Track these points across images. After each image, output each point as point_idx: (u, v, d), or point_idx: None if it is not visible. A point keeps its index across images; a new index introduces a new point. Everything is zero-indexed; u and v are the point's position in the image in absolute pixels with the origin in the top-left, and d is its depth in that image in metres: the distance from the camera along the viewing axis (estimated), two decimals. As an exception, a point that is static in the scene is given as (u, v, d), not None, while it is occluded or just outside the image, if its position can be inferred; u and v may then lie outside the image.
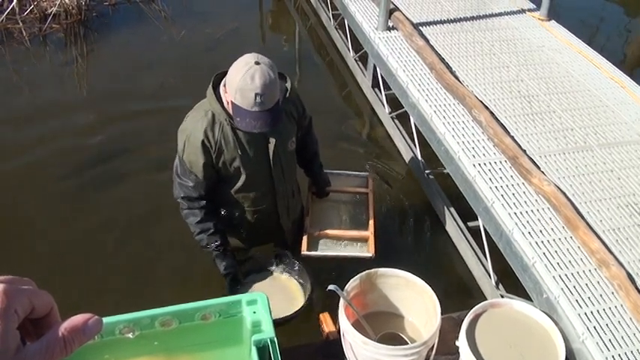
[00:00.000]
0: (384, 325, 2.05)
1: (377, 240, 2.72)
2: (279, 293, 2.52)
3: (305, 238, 2.68)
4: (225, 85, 2.21)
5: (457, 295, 3.21)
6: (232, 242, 2.74)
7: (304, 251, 2.64)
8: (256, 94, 2.08)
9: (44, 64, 5.38)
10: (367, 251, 2.67)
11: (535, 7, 4.71)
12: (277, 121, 2.20)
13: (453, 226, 3.46)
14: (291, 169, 2.58)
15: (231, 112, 2.21)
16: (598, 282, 2.45)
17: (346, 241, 2.75)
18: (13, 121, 4.47)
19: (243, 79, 2.08)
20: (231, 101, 2.15)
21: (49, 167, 4.01)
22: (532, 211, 2.78)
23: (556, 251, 2.58)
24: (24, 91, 4.95)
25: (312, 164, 2.80)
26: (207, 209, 2.44)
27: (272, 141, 2.35)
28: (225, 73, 2.23)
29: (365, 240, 2.73)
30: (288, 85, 2.40)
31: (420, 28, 4.30)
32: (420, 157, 3.85)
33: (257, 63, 2.10)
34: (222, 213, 2.59)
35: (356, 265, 2.54)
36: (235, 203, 2.52)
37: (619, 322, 2.30)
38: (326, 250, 2.71)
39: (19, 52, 5.46)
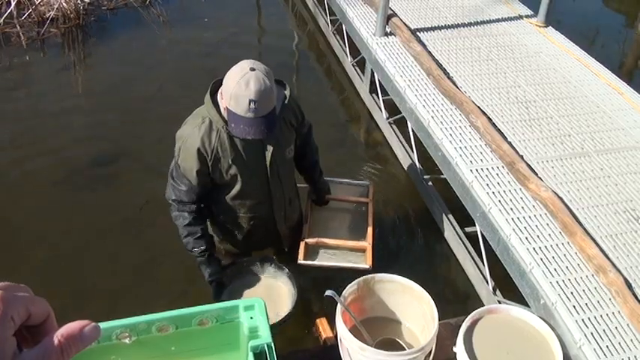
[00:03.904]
0: (381, 331, 2.05)
1: (375, 251, 2.71)
2: (266, 299, 2.48)
3: (302, 247, 2.66)
4: (222, 92, 2.21)
5: (454, 300, 3.21)
6: (228, 248, 2.74)
7: (301, 260, 2.62)
8: (250, 101, 2.07)
9: (42, 68, 5.37)
10: (364, 262, 2.66)
11: (532, 13, 4.73)
12: (272, 128, 2.19)
13: (450, 231, 3.46)
14: (288, 176, 2.57)
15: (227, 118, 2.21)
16: (595, 288, 2.45)
17: (344, 251, 2.73)
18: (10, 125, 4.47)
19: (238, 85, 2.08)
20: (226, 107, 2.15)
21: (46, 171, 4.01)
22: (529, 217, 2.78)
23: (553, 257, 2.58)
24: (21, 95, 4.94)
25: (312, 172, 2.78)
26: (197, 213, 2.43)
27: (269, 148, 2.34)
28: (222, 80, 2.23)
29: (363, 250, 2.70)
30: (287, 92, 2.39)
31: (418, 33, 4.31)
32: (417, 163, 3.85)
33: (252, 69, 2.10)
34: (220, 218, 2.58)
35: (353, 272, 2.53)
36: (232, 209, 2.51)
37: (616, 328, 2.30)
38: (323, 259, 2.69)
39: (16, 56, 5.45)
